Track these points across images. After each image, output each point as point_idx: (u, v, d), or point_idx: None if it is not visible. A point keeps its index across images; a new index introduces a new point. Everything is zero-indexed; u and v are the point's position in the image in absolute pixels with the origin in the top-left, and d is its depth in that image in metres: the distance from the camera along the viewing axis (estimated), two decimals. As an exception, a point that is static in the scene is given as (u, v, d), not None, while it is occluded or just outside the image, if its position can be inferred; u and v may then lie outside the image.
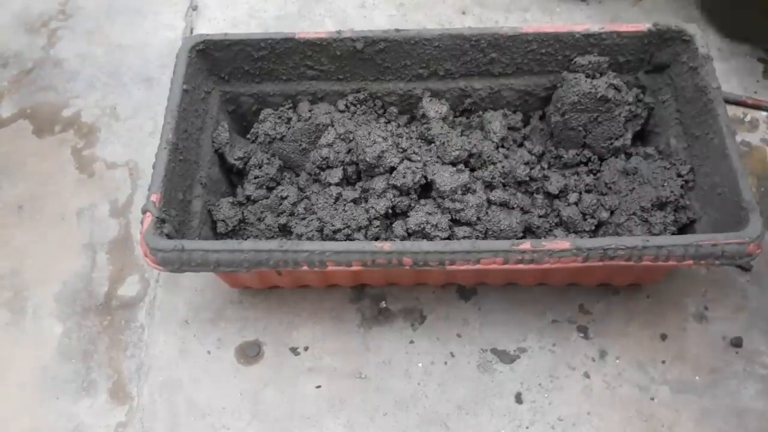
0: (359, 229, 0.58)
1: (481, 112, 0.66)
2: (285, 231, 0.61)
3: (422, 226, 0.56)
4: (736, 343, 0.61)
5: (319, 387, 0.60)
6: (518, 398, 0.58)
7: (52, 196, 0.72)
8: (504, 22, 0.85)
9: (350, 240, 0.58)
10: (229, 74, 0.65)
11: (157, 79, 0.81)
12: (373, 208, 0.58)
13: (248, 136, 0.66)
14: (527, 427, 0.57)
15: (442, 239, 0.56)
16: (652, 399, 0.58)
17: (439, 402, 0.58)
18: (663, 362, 0.59)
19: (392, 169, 0.59)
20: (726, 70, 0.78)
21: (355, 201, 0.60)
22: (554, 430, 0.57)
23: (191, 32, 0.85)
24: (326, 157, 0.61)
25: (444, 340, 0.61)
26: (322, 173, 0.62)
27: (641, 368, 0.59)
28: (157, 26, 0.86)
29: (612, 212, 0.60)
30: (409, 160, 0.59)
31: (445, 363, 0.60)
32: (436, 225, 0.56)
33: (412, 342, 0.61)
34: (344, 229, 0.58)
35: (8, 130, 0.77)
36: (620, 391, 0.59)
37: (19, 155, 0.75)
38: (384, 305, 0.63)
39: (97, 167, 0.74)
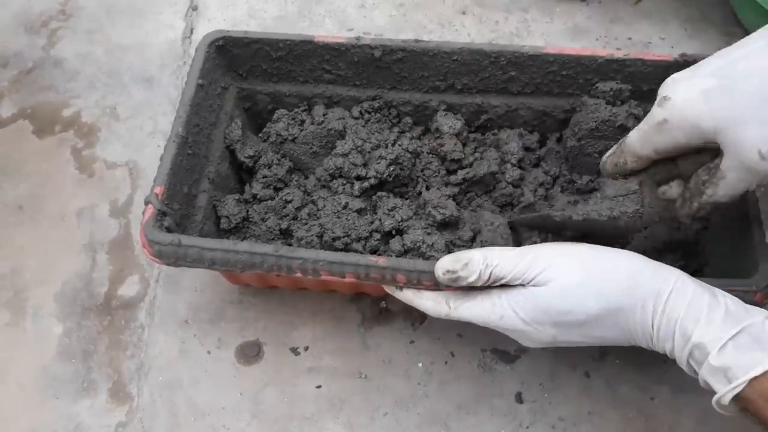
0: (359, 239, 0.58)
1: (496, 130, 0.66)
2: (287, 234, 0.61)
3: (418, 244, 0.56)
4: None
5: (319, 387, 0.60)
6: (519, 398, 0.58)
7: (52, 196, 0.72)
8: (504, 22, 0.85)
9: (348, 249, 0.57)
10: (247, 71, 0.65)
11: (157, 79, 0.81)
12: (379, 220, 0.58)
13: (260, 134, 0.66)
14: (527, 427, 0.57)
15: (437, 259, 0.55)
16: (652, 399, 0.58)
17: (440, 402, 0.59)
18: (663, 362, 0.59)
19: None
20: (726, 70, 0.78)
21: (359, 211, 0.59)
22: (555, 430, 0.57)
23: (191, 32, 0.85)
24: (340, 167, 0.61)
25: (444, 340, 0.61)
26: (333, 181, 0.62)
27: (641, 368, 0.59)
28: (157, 26, 0.86)
29: (623, 246, 0.58)
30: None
31: (446, 363, 0.60)
32: (432, 245, 0.55)
33: (412, 342, 0.61)
34: (343, 237, 0.57)
35: (8, 130, 0.77)
36: (620, 390, 0.59)
37: (19, 155, 0.75)
38: (384, 305, 0.63)
39: (97, 167, 0.74)
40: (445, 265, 0.45)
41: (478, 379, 0.60)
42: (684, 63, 0.59)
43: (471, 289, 0.47)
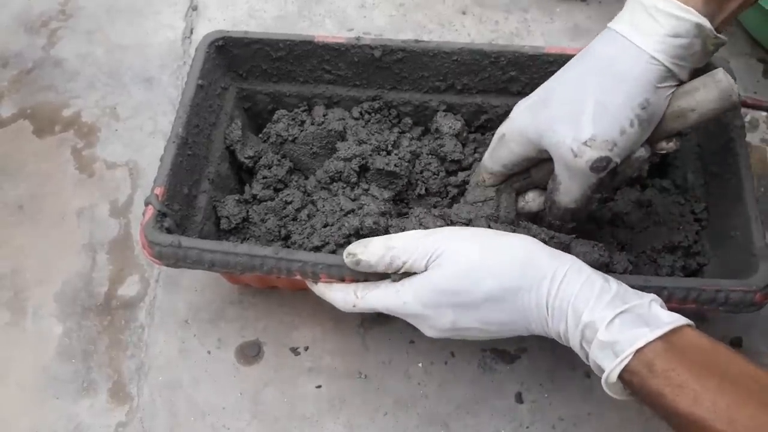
0: (339, 245, 0.57)
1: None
2: (286, 236, 0.61)
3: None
4: (736, 343, 0.61)
5: (319, 387, 0.60)
6: (518, 398, 0.59)
7: (52, 196, 0.72)
8: (504, 22, 0.85)
9: (336, 253, 0.57)
10: (247, 72, 0.65)
11: (157, 79, 0.81)
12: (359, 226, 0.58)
13: (260, 135, 0.66)
14: (527, 427, 0.57)
15: None
16: (653, 399, 0.58)
17: (439, 402, 0.59)
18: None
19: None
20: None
21: (348, 213, 0.59)
22: (555, 430, 0.57)
23: (191, 32, 0.85)
24: (340, 171, 0.61)
25: (444, 340, 0.61)
26: (332, 184, 0.62)
27: (641, 368, 0.59)
28: (157, 26, 0.86)
29: (623, 246, 0.58)
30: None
31: (446, 363, 0.60)
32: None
33: (412, 342, 0.61)
34: (323, 245, 0.57)
35: (8, 130, 0.77)
36: (620, 391, 0.59)
37: (19, 155, 0.75)
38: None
39: (97, 167, 0.74)
40: (348, 248, 0.47)
41: (478, 379, 0.60)
42: None
43: (380, 278, 0.48)
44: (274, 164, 0.63)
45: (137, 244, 0.68)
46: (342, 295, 0.49)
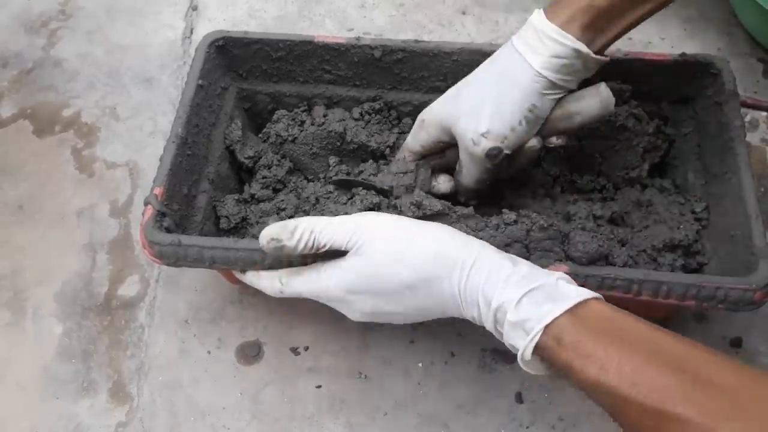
0: None
1: None
2: None
3: None
4: (736, 343, 0.61)
5: (319, 387, 0.60)
6: (519, 398, 0.59)
7: (52, 196, 0.72)
8: (504, 22, 0.85)
9: None
10: (247, 72, 0.65)
11: (157, 79, 0.81)
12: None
13: (260, 135, 0.66)
14: (527, 427, 0.57)
15: None
16: (653, 399, 0.58)
17: (440, 402, 0.59)
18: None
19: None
20: (726, 70, 0.78)
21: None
22: (555, 430, 0.57)
23: (191, 32, 0.85)
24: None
25: (444, 340, 0.61)
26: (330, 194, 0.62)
27: (641, 368, 0.59)
28: (157, 26, 0.86)
29: (623, 244, 0.57)
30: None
31: (446, 363, 0.60)
32: None
33: (412, 342, 0.61)
34: None
35: (8, 130, 0.77)
36: (620, 390, 0.59)
37: (19, 155, 0.75)
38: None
39: (97, 167, 0.74)
40: (271, 233, 0.47)
41: (478, 379, 0.60)
42: (684, 62, 0.60)
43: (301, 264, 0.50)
44: (274, 164, 0.63)
45: (137, 244, 0.68)
46: (269, 283, 0.51)
